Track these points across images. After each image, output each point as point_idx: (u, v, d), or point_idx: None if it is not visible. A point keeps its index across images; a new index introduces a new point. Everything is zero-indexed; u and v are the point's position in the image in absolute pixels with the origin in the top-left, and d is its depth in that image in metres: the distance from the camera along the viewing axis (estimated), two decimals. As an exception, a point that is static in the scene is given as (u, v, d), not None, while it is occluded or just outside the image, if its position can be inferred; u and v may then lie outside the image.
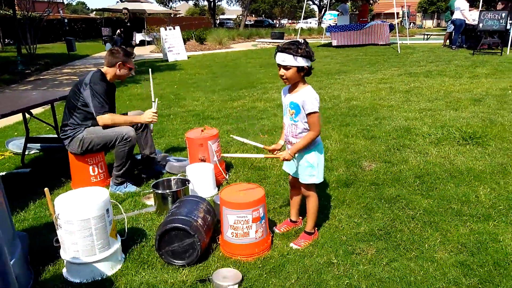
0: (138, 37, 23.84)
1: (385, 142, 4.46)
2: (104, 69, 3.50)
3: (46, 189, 2.32)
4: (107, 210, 2.37)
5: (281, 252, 2.56)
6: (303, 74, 2.39)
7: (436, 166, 3.74)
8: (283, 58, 2.33)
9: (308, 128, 2.42)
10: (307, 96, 2.36)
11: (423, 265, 2.34)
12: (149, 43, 23.05)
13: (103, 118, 3.35)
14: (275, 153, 2.62)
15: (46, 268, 2.48)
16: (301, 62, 2.32)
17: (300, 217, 2.91)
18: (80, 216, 2.24)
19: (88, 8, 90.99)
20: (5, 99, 4.20)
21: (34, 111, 4.21)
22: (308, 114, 2.36)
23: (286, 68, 2.36)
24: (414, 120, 5.24)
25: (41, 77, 12.15)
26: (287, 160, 2.49)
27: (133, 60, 3.62)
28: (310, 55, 2.34)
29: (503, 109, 5.52)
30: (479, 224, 2.74)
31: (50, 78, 11.85)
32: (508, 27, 10.96)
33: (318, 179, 2.55)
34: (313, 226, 2.69)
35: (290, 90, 2.48)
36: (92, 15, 52.42)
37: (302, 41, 2.37)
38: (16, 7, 14.23)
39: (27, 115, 4.14)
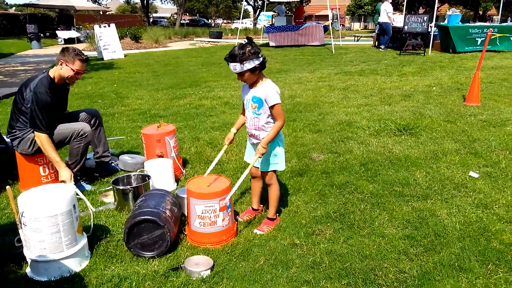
0: (66, 34, 22.66)
1: (330, 135, 4.77)
2: (52, 70, 3.30)
3: (8, 187, 2.25)
4: (74, 206, 2.35)
5: (247, 238, 2.70)
6: (258, 71, 2.52)
7: (377, 155, 4.09)
8: (234, 67, 2.45)
9: (271, 119, 2.58)
10: (268, 90, 2.51)
11: (375, 240, 2.61)
12: (79, 41, 21.97)
13: (39, 137, 3.14)
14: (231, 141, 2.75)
15: (6, 269, 2.39)
16: (251, 64, 2.43)
17: (261, 205, 3.07)
18: (48, 213, 2.20)
19: (7, 3, 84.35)
20: None
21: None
22: (272, 106, 2.52)
23: (240, 74, 2.49)
24: (354, 115, 5.64)
25: (-40, 77, 11.14)
26: (264, 153, 2.60)
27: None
28: (257, 54, 2.45)
29: (430, 104, 6.11)
30: (419, 203, 3.08)
31: (-29, 78, 10.91)
32: (429, 29, 12.02)
33: (281, 166, 2.73)
34: (275, 212, 2.86)
35: (251, 85, 2.61)
36: (12, 10, 48.67)
37: (245, 42, 2.48)
38: None
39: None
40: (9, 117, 3.42)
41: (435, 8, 12.43)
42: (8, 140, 3.65)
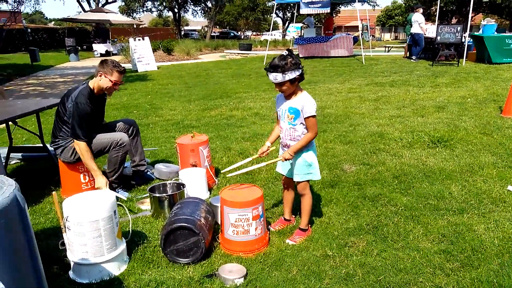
0: (102, 47, 23.52)
1: (362, 146, 4.74)
2: (92, 81, 3.47)
3: (54, 193, 2.37)
4: (114, 211, 2.45)
5: (279, 248, 2.73)
6: (297, 82, 2.58)
7: (411, 167, 4.04)
8: (275, 77, 2.50)
9: (306, 130, 2.62)
10: (306, 102, 2.56)
11: (410, 254, 2.58)
12: (114, 53, 22.76)
13: (78, 145, 3.30)
14: (265, 153, 2.79)
15: (51, 271, 2.51)
16: (292, 74, 2.49)
17: (293, 216, 3.09)
18: (90, 218, 2.31)
19: (47, 18, 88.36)
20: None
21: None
22: (307, 118, 2.56)
23: (280, 84, 2.54)
24: (386, 126, 5.59)
25: (5, 88, 11.74)
26: (288, 159, 2.66)
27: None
28: (297, 65, 2.51)
29: (465, 115, 5.98)
30: (455, 217, 3.02)
31: (15, 89, 11.50)
32: (463, 40, 11.77)
33: (316, 176, 2.75)
34: (307, 223, 2.87)
35: (288, 96, 2.66)
36: (51, 25, 50.95)
37: (286, 53, 2.54)
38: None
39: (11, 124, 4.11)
40: (52, 127, 3.61)
41: (469, 18, 12.15)
42: (51, 148, 3.84)
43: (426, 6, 25.38)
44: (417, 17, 12.90)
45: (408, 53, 14.27)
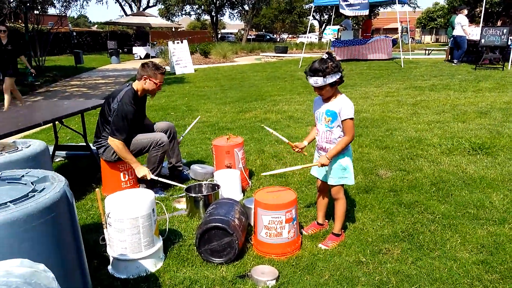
0: (143, 50, 24.25)
1: (399, 152, 4.65)
2: (135, 84, 3.64)
3: (97, 190, 2.49)
4: (153, 210, 2.54)
5: (311, 252, 2.73)
6: (337, 85, 2.59)
7: (449, 174, 3.92)
8: (315, 81, 2.52)
9: (343, 133, 2.62)
10: (344, 104, 2.56)
11: (446, 264, 2.51)
12: (153, 56, 23.40)
13: (114, 142, 3.43)
14: (299, 149, 2.85)
15: (91, 265, 2.64)
16: (332, 78, 2.50)
17: (326, 220, 3.08)
18: (130, 215, 2.41)
19: (90, 21, 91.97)
20: (40, 108, 4.40)
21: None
22: (344, 120, 2.56)
23: (320, 88, 2.55)
24: (424, 132, 5.45)
25: (51, 89, 12.39)
26: (325, 165, 2.66)
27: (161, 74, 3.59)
28: (338, 67, 2.52)
29: (509, 122, 5.73)
30: (496, 227, 2.91)
31: (60, 90, 12.08)
32: (509, 43, 11.27)
33: (350, 181, 2.74)
34: (340, 228, 2.86)
35: (326, 99, 2.66)
36: (94, 28, 52.97)
37: (326, 56, 2.55)
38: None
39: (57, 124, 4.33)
40: (95, 127, 3.78)
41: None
42: (93, 148, 4.03)
43: (470, 7, 24.46)
44: (460, 19, 12.47)
45: (449, 56, 13.82)
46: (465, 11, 12.81)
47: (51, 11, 23.54)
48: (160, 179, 3.51)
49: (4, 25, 8.08)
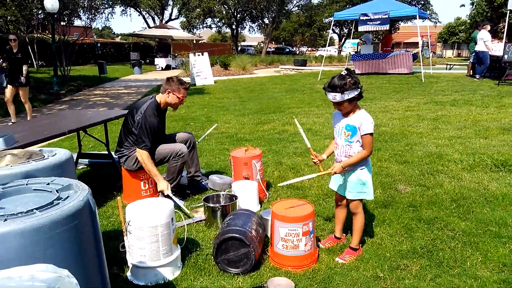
0: (164, 61, 24.71)
1: (418, 167, 4.60)
2: (158, 96, 3.74)
3: (118, 198, 2.56)
4: (172, 219, 2.59)
5: (328, 266, 2.72)
6: (356, 100, 2.60)
7: (471, 191, 3.86)
8: (333, 97, 2.55)
9: (362, 148, 2.62)
10: (364, 119, 2.58)
11: (466, 282, 2.47)
12: (174, 67, 23.83)
13: (140, 153, 3.51)
14: (318, 161, 2.84)
15: (111, 271, 2.69)
16: (351, 94, 2.53)
17: (344, 234, 3.07)
18: (150, 223, 2.46)
19: (114, 32, 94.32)
20: (65, 117, 4.54)
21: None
22: (364, 135, 2.57)
23: (339, 103, 2.58)
24: (445, 147, 5.38)
25: (75, 98, 12.73)
26: (337, 173, 2.67)
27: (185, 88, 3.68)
28: (356, 84, 2.54)
29: (533, 139, 5.60)
30: (519, 246, 2.85)
31: (84, 99, 12.40)
32: (534, 58, 11.05)
33: (369, 195, 2.73)
34: (358, 243, 2.84)
35: (345, 114, 2.68)
36: (118, 39, 54.29)
37: (345, 73, 2.57)
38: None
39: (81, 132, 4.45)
40: (118, 136, 3.87)
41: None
42: (115, 156, 4.12)
43: (493, 23, 24.16)
44: (483, 35, 12.31)
45: (471, 71, 13.62)
46: (488, 27, 12.65)
47: (77, 22, 24.28)
48: (175, 198, 3.48)
49: (15, 34, 8.36)
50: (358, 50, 18.27)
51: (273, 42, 56.66)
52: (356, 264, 2.72)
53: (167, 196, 3.59)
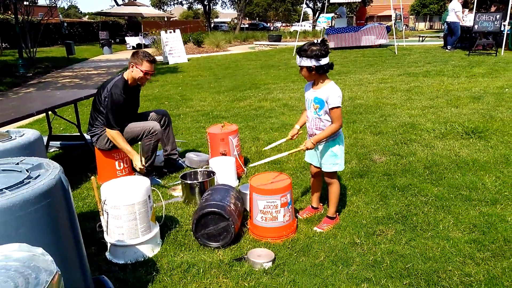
0: (135, 40, 24.02)
1: (392, 137, 4.68)
2: (126, 73, 3.61)
3: (93, 178, 2.50)
4: (149, 196, 2.56)
5: (307, 235, 2.77)
6: (315, 72, 2.57)
7: (443, 158, 3.97)
8: (297, 60, 2.59)
9: (331, 121, 2.63)
10: (331, 93, 2.56)
11: (439, 243, 2.56)
12: (146, 46, 23.21)
13: (110, 132, 3.47)
14: (295, 136, 2.86)
15: (89, 251, 2.65)
16: (307, 62, 2.52)
17: (321, 204, 3.12)
18: (126, 201, 2.43)
19: (81, 12, 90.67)
20: (33, 98, 4.37)
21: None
22: (331, 109, 2.57)
23: (300, 68, 2.59)
24: (418, 117, 5.48)
25: (43, 80, 12.27)
26: (309, 148, 2.68)
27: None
28: (318, 56, 2.49)
29: (502, 106, 5.78)
30: (488, 208, 2.96)
31: (52, 81, 11.96)
32: (502, 28, 11.29)
33: (341, 167, 2.77)
34: (335, 211, 2.89)
35: (314, 85, 2.68)
36: (85, 18, 52.33)
37: (317, 41, 2.56)
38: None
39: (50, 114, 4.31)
40: (89, 117, 3.77)
41: (510, 5, 11.61)
42: (87, 137, 4.02)
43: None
44: (454, 5, 12.47)
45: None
46: (459, -3, 12.80)
47: (41, 1, 23.23)
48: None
49: None
50: (333, 25, 18.18)
51: (247, 18, 55.85)
52: (333, 232, 2.78)
53: (144, 175, 3.55)
